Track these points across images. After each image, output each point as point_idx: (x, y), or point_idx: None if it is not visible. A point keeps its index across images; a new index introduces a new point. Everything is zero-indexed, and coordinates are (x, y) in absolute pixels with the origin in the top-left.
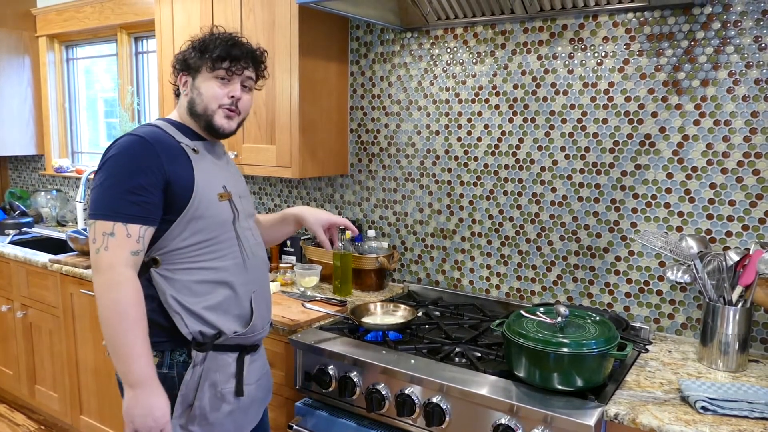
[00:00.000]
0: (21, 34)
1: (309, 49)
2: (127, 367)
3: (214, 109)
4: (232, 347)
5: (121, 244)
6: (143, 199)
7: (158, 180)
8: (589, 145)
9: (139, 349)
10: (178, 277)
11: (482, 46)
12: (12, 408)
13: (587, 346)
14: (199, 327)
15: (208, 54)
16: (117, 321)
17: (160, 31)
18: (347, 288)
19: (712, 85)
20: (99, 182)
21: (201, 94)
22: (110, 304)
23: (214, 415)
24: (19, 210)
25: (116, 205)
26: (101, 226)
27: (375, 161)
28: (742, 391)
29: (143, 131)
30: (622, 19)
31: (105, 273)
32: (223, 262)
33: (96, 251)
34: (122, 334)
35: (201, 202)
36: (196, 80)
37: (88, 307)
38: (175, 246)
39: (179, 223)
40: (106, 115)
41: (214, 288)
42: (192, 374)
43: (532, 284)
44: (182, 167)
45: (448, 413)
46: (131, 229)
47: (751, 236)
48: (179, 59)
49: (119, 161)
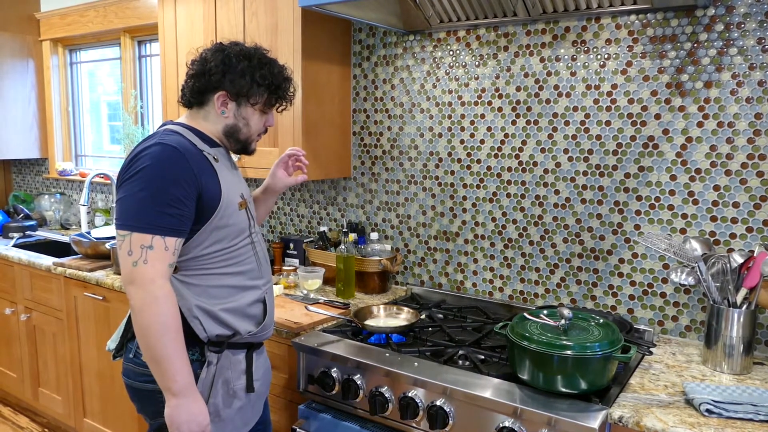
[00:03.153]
0: (25, 38)
1: (312, 53)
2: (171, 378)
3: (255, 138)
4: (243, 345)
5: (160, 257)
6: (179, 212)
7: (193, 191)
8: (592, 147)
9: (181, 360)
10: (197, 282)
11: (485, 48)
12: (16, 411)
13: (591, 349)
14: (217, 330)
15: (274, 95)
16: (160, 334)
17: (163, 34)
18: (350, 290)
19: (715, 87)
20: (131, 192)
21: (249, 125)
22: (153, 318)
23: (226, 411)
24: (23, 213)
25: (154, 218)
26: (139, 238)
27: (378, 164)
28: (747, 394)
29: (173, 140)
30: (624, 21)
31: (146, 287)
32: (241, 267)
33: (133, 264)
34: (165, 347)
35: (225, 212)
36: (242, 108)
37: (92, 310)
38: (197, 254)
39: (203, 231)
40: (109, 118)
41: (232, 292)
42: (207, 373)
43: (536, 287)
44: (210, 177)
45: (452, 416)
46: (168, 242)
47: (755, 238)
48: (230, 80)
49: (154, 172)
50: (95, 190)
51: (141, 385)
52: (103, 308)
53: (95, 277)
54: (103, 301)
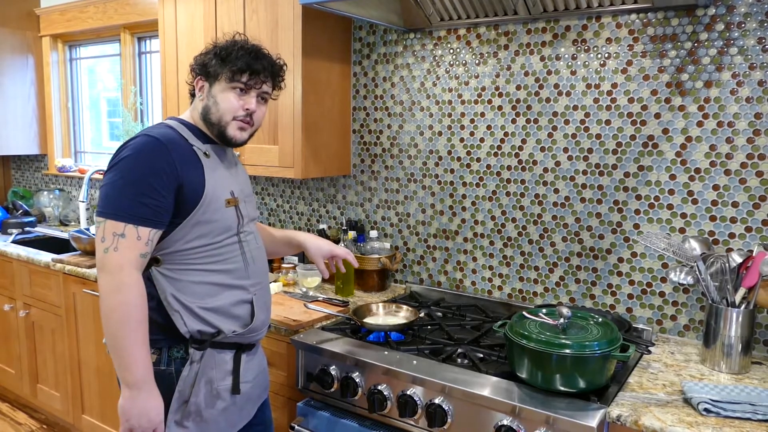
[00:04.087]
0: (24, 34)
1: (312, 50)
2: (126, 369)
3: (228, 120)
4: (230, 345)
5: (131, 246)
6: (156, 203)
7: (171, 183)
8: (592, 146)
9: (139, 351)
10: (179, 277)
11: (485, 47)
12: (14, 407)
13: (590, 348)
14: (198, 326)
15: (229, 64)
16: (121, 323)
17: (163, 31)
18: (349, 288)
19: (715, 87)
20: (111, 181)
21: (217, 103)
22: (116, 306)
23: (208, 411)
24: (22, 209)
25: (129, 207)
26: (112, 226)
27: (377, 162)
28: (745, 393)
29: (157, 132)
30: (625, 21)
31: (113, 274)
32: (225, 265)
33: (104, 251)
34: (124, 336)
35: (208, 207)
36: (213, 88)
37: (91, 307)
38: (179, 248)
39: (184, 225)
40: (109, 114)
41: (214, 290)
42: (189, 371)
43: (535, 285)
44: (194, 171)
45: (450, 414)
46: (142, 231)
47: (755, 238)
48: (199, 63)
49: (134, 162)
50: (94, 186)
51: None
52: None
53: (94, 273)
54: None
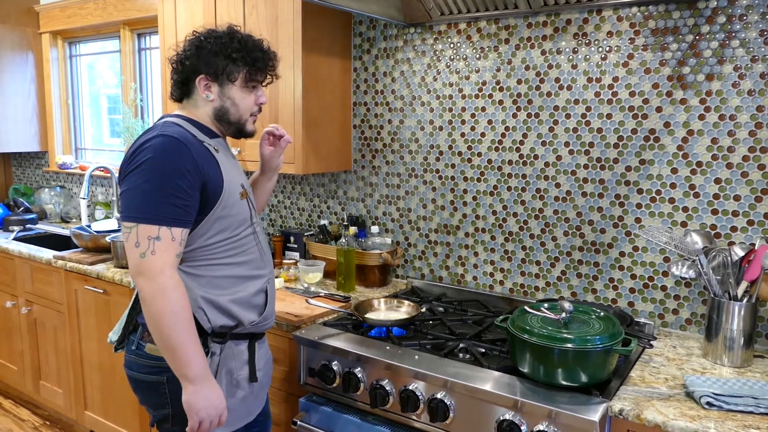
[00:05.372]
0: (24, 31)
1: (312, 45)
2: (186, 366)
3: (247, 117)
4: (245, 335)
5: (168, 248)
6: (184, 202)
7: (196, 182)
8: (594, 140)
9: (194, 348)
10: (203, 273)
11: (486, 41)
12: (17, 403)
13: (591, 342)
14: (222, 321)
15: (246, 66)
16: (173, 324)
17: (163, 27)
18: (351, 284)
19: (717, 80)
20: (135, 184)
21: (236, 104)
22: (164, 308)
23: (229, 401)
24: (23, 206)
25: (160, 209)
26: (145, 230)
27: (378, 157)
28: (748, 387)
29: (174, 131)
30: (626, 14)
31: (154, 278)
32: (245, 257)
33: (141, 255)
34: (179, 336)
35: (227, 202)
36: (227, 89)
37: (92, 303)
38: (201, 244)
39: (206, 221)
40: (109, 111)
41: (237, 282)
42: (211, 363)
43: (536, 280)
44: (212, 167)
45: (452, 409)
46: (175, 232)
47: (756, 231)
48: (205, 62)
49: (158, 163)
50: (95, 183)
51: (143, 376)
52: (103, 301)
53: (96, 270)
54: (103, 294)
